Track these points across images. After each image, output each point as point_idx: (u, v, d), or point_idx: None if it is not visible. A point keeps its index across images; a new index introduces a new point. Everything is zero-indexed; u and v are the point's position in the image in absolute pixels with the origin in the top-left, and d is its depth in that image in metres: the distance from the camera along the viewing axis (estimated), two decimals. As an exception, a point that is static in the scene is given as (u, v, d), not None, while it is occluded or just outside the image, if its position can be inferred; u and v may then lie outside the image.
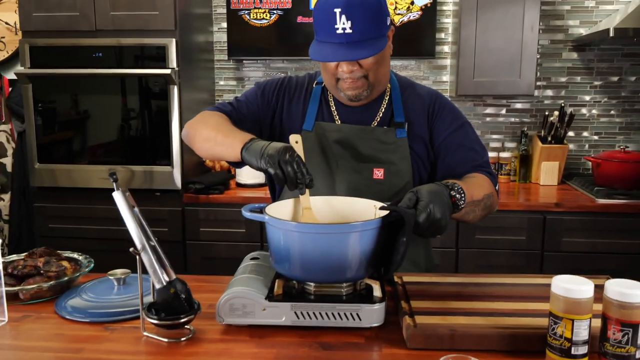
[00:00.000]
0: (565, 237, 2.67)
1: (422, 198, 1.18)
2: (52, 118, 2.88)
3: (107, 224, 2.75)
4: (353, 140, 1.50)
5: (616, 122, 3.20)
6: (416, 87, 1.59)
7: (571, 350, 0.98)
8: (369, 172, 1.50)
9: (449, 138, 1.53)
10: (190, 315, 1.15)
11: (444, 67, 3.25)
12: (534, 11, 2.83)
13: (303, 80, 1.60)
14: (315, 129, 1.52)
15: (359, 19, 1.32)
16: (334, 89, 1.49)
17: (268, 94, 1.58)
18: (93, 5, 2.73)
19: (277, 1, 3.14)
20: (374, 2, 1.36)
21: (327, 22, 1.34)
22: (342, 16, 1.32)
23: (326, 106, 1.55)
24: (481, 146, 1.57)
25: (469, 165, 1.50)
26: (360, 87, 1.44)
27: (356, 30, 1.33)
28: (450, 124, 1.54)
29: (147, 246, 1.15)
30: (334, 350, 1.10)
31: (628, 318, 0.96)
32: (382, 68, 1.46)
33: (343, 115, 1.53)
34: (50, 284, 1.34)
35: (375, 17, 1.35)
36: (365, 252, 1.16)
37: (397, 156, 1.50)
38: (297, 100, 1.57)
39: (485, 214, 1.46)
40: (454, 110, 1.57)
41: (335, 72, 1.43)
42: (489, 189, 1.46)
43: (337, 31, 1.33)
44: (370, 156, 1.50)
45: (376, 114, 1.53)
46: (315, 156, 1.51)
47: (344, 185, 1.49)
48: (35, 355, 1.09)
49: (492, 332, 1.08)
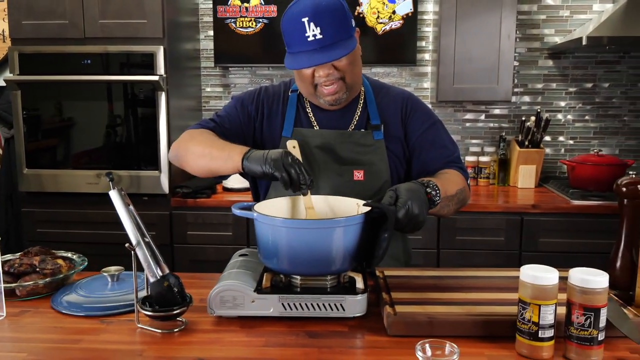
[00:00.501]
0: (542, 238, 2.76)
1: (401, 196, 1.26)
2: (41, 124, 2.92)
3: (95, 228, 2.80)
4: (333, 145, 1.57)
5: (591, 127, 3.32)
6: (388, 89, 1.67)
7: (538, 334, 1.06)
8: (349, 174, 1.57)
9: (422, 136, 1.61)
10: (183, 307, 1.21)
11: (425, 74, 3.35)
12: (511, 21, 2.94)
13: (279, 89, 1.66)
14: (294, 136, 1.58)
15: (327, 23, 1.40)
16: (312, 96, 1.55)
17: (247, 105, 1.63)
18: (82, 14, 2.79)
19: (263, 10, 3.22)
20: (338, 7, 1.43)
21: (297, 33, 1.41)
22: (310, 24, 1.39)
23: (303, 112, 1.62)
24: (452, 143, 1.65)
25: (442, 162, 1.59)
26: (339, 90, 1.50)
27: (326, 34, 1.40)
28: (422, 123, 1.62)
29: (142, 242, 1.21)
30: (320, 338, 1.17)
31: (590, 303, 1.05)
32: (356, 68, 1.53)
33: (320, 121, 1.60)
34: (46, 281, 1.39)
35: (341, 20, 1.43)
36: (349, 246, 1.23)
37: (376, 157, 1.57)
38: (275, 109, 1.63)
39: (458, 207, 1.54)
40: (425, 110, 1.66)
41: (312, 79, 1.49)
42: (461, 183, 1.54)
43: (309, 39, 1.40)
44: (350, 159, 1.57)
45: (352, 118, 1.60)
46: None
47: (326, 188, 1.56)
48: (36, 346, 1.15)
49: (467, 319, 1.15)
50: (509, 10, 2.93)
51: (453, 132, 3.31)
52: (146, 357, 1.10)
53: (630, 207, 1.29)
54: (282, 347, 1.13)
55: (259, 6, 3.22)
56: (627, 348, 1.12)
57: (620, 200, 1.31)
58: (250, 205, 1.32)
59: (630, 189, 1.29)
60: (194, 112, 3.31)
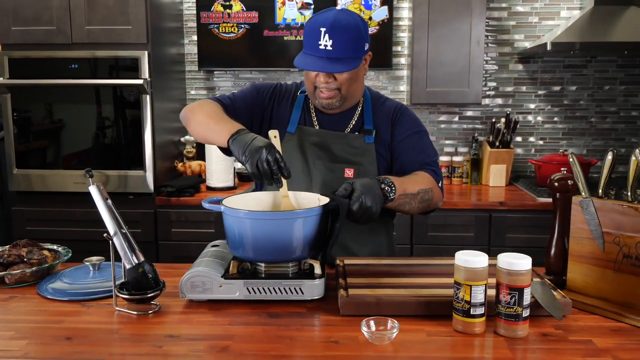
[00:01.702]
0: (509, 233, 2.91)
1: (356, 189, 1.40)
2: (30, 126, 3.04)
3: (82, 226, 2.91)
4: (328, 144, 1.73)
5: (559, 128, 3.47)
6: (386, 100, 1.84)
7: (470, 311, 1.20)
8: (341, 171, 1.72)
9: (404, 141, 1.75)
10: (156, 291, 1.34)
11: (401, 78, 3.49)
12: (480, 27, 3.08)
13: (291, 88, 1.83)
14: (297, 132, 1.75)
15: (339, 39, 1.56)
16: (312, 95, 1.72)
17: (262, 93, 1.80)
18: (69, 20, 2.91)
19: (244, 16, 3.35)
20: (355, 29, 1.60)
21: (313, 38, 1.58)
22: (325, 35, 1.56)
23: (307, 112, 1.78)
24: (433, 150, 1.80)
25: (418, 165, 1.73)
26: (332, 97, 1.66)
27: (336, 48, 1.57)
28: (407, 129, 1.77)
29: (119, 232, 1.33)
30: (279, 318, 1.30)
31: (514, 283, 1.18)
32: (355, 85, 1.69)
33: (321, 121, 1.77)
34: (33, 270, 1.51)
35: (353, 41, 1.60)
36: (307, 235, 1.36)
37: (365, 159, 1.72)
38: (284, 105, 1.80)
39: (424, 206, 1.66)
40: (413, 119, 1.81)
41: (314, 80, 1.66)
42: (428, 184, 1.67)
43: (320, 47, 1.57)
44: (343, 158, 1.73)
45: (350, 121, 1.76)
46: (296, 156, 1.73)
47: (319, 182, 1.71)
48: (22, 325, 1.27)
49: (410, 300, 1.29)
50: (479, 17, 3.08)
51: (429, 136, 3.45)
52: (122, 334, 1.23)
53: (561, 200, 1.43)
54: (245, 325, 1.26)
55: (241, 12, 3.35)
56: (552, 325, 1.26)
57: (554, 194, 1.45)
58: (219, 200, 1.45)
59: (561, 183, 1.43)
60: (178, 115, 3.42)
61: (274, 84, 1.85)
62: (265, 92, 1.81)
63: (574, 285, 1.40)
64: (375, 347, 1.15)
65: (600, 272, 1.34)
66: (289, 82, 3.02)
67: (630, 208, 1.29)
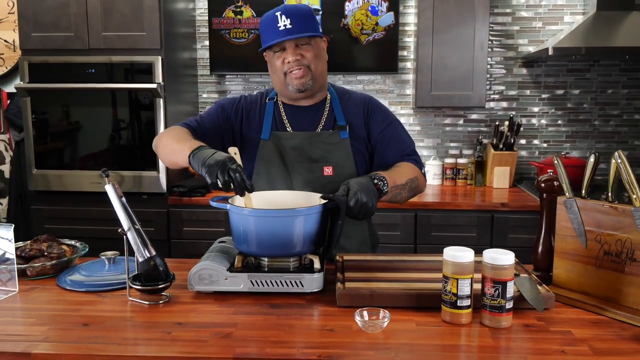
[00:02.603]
0: (510, 234, 2.98)
1: (352, 188, 1.50)
2: (49, 128, 3.17)
3: (98, 224, 3.03)
4: (305, 145, 1.81)
5: (563, 131, 3.53)
6: (351, 94, 1.91)
7: (457, 303, 1.28)
8: (320, 170, 1.80)
9: (381, 134, 1.84)
10: (166, 283, 1.44)
11: (407, 82, 3.57)
12: (483, 32, 3.16)
13: (257, 98, 1.90)
14: (272, 138, 1.82)
15: (296, 18, 1.69)
16: (283, 85, 1.77)
17: (227, 109, 1.86)
18: (87, 27, 3.03)
19: (255, 22, 3.46)
20: (307, 11, 1.75)
21: (271, 26, 1.70)
22: (282, 16, 1.69)
23: (278, 117, 1.85)
24: (408, 137, 1.89)
25: (399, 155, 1.83)
26: (304, 75, 1.73)
27: (294, 25, 1.69)
28: (381, 122, 1.86)
29: (132, 228, 1.44)
30: (280, 308, 1.39)
31: (498, 277, 1.27)
32: (320, 64, 1.78)
33: (293, 124, 1.84)
34: (53, 263, 1.62)
35: (309, 19, 1.73)
36: (307, 232, 1.46)
37: (342, 154, 1.81)
38: (253, 115, 1.86)
39: (412, 194, 1.77)
40: (384, 110, 1.90)
41: (282, 66, 1.74)
42: (413, 173, 1.77)
43: (280, 28, 1.69)
44: (320, 157, 1.80)
45: (320, 120, 1.84)
46: (275, 160, 1.81)
47: (300, 183, 1.79)
48: (43, 313, 1.38)
49: (402, 292, 1.38)
50: (482, 23, 3.15)
51: (433, 136, 3.53)
52: (134, 322, 1.33)
53: (548, 200, 1.51)
54: (247, 314, 1.36)
55: (251, 18, 3.46)
56: (535, 317, 1.34)
57: (541, 195, 1.53)
58: (226, 198, 1.55)
59: (547, 184, 1.51)
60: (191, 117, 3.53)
61: (237, 97, 1.90)
62: (230, 107, 1.86)
63: (559, 281, 1.48)
64: (368, 335, 1.24)
65: (583, 268, 1.42)
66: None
67: (611, 208, 1.36)
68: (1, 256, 1.53)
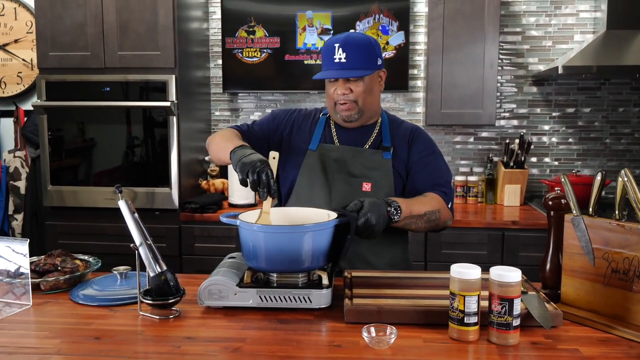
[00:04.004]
0: (522, 252, 2.97)
1: (364, 207, 1.52)
2: (64, 145, 3.23)
3: (111, 240, 3.06)
4: (347, 160, 1.86)
5: (574, 149, 3.53)
6: (402, 122, 1.96)
7: (464, 320, 1.29)
8: (359, 185, 1.84)
9: (419, 160, 1.87)
10: (177, 298, 1.46)
11: (418, 100, 3.60)
12: (493, 51, 3.18)
13: (311, 112, 2.00)
14: (319, 149, 1.89)
15: (352, 52, 1.75)
16: (333, 111, 1.86)
17: (278, 119, 1.97)
18: (103, 46, 3.10)
19: (267, 41, 3.52)
20: (366, 44, 1.78)
21: (329, 55, 1.77)
22: (339, 49, 1.75)
23: (328, 131, 1.92)
24: (445, 171, 1.90)
25: (429, 184, 1.84)
26: (351, 109, 1.80)
27: (349, 59, 1.75)
28: (422, 150, 1.89)
29: (144, 243, 1.46)
30: (288, 324, 1.40)
31: (505, 294, 1.27)
32: (370, 97, 1.82)
33: (341, 138, 1.90)
34: (66, 277, 1.65)
35: (366, 53, 1.77)
36: (316, 248, 1.48)
37: (382, 174, 1.84)
38: (305, 126, 1.95)
39: (430, 225, 1.78)
40: (428, 140, 1.93)
41: (333, 95, 1.81)
42: (435, 205, 1.78)
43: (335, 60, 1.76)
44: (361, 173, 1.85)
45: (369, 139, 1.89)
46: (317, 171, 1.87)
47: (338, 196, 1.83)
48: (55, 327, 1.40)
49: (409, 309, 1.39)
50: (492, 42, 3.18)
51: (444, 154, 3.51)
52: (145, 336, 1.35)
53: (555, 217, 1.52)
54: (256, 329, 1.37)
55: (264, 38, 3.52)
56: (543, 334, 1.34)
57: (548, 213, 1.54)
58: (236, 214, 1.57)
59: (555, 202, 1.52)
60: (203, 134, 3.59)
61: (292, 109, 2.01)
62: (282, 116, 1.98)
63: (567, 299, 1.48)
64: (375, 351, 1.25)
65: (591, 286, 1.42)
66: (309, 103, 3.27)
67: (618, 225, 1.37)
68: (16, 270, 1.56)
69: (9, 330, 1.39)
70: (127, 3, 3.06)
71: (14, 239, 1.57)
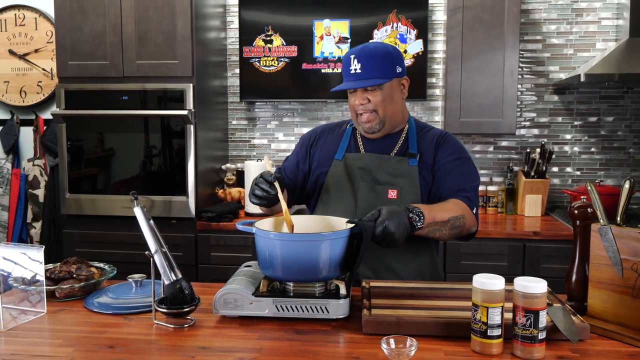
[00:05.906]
0: (543, 263, 2.90)
1: (382, 215, 1.48)
2: (83, 154, 3.24)
3: (127, 248, 3.05)
4: (372, 167, 1.84)
5: (596, 159, 3.46)
6: (430, 128, 1.94)
7: (487, 332, 1.24)
8: (384, 192, 1.82)
9: (445, 165, 1.83)
10: (192, 306, 1.43)
11: (436, 108, 3.56)
12: (513, 59, 3.14)
13: (338, 123, 2.03)
14: (344, 159, 1.89)
15: (366, 62, 1.75)
16: (356, 122, 1.87)
17: (306, 143, 2.02)
18: (121, 56, 3.12)
19: (284, 50, 3.51)
20: (383, 53, 1.77)
21: (346, 67, 1.79)
22: (354, 60, 1.76)
23: (354, 141, 1.92)
24: (473, 177, 1.85)
25: (454, 190, 1.79)
26: (371, 120, 1.80)
27: (363, 70, 1.75)
28: (449, 154, 1.85)
29: (159, 251, 1.45)
30: (305, 334, 1.37)
31: (530, 306, 1.23)
32: (391, 106, 1.80)
33: (367, 147, 1.89)
34: (81, 285, 1.64)
35: (380, 63, 1.76)
36: (333, 257, 1.44)
37: (408, 181, 1.81)
38: (331, 136, 1.98)
39: (455, 232, 1.72)
40: (456, 146, 1.89)
41: (354, 106, 1.82)
42: (459, 211, 1.72)
43: (351, 72, 1.77)
44: (386, 180, 1.82)
45: (395, 146, 1.87)
46: (343, 179, 1.86)
47: (364, 203, 1.81)
48: (70, 335, 1.38)
49: (430, 320, 1.34)
50: (512, 50, 3.13)
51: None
52: (159, 345, 1.33)
53: (581, 227, 1.47)
54: (272, 340, 1.34)
55: (281, 47, 3.51)
56: (569, 349, 1.29)
57: (574, 222, 1.49)
58: (252, 222, 1.55)
59: (580, 211, 1.47)
60: (220, 143, 3.59)
61: (315, 128, 2.05)
62: (307, 138, 2.03)
63: (594, 311, 1.42)
64: (394, 364, 1.21)
65: (619, 298, 1.37)
66: (326, 112, 3.22)
67: (648, 235, 1.32)
68: (31, 278, 1.55)
69: (23, 337, 1.38)
70: (146, 13, 3.08)
71: (30, 246, 1.56)
